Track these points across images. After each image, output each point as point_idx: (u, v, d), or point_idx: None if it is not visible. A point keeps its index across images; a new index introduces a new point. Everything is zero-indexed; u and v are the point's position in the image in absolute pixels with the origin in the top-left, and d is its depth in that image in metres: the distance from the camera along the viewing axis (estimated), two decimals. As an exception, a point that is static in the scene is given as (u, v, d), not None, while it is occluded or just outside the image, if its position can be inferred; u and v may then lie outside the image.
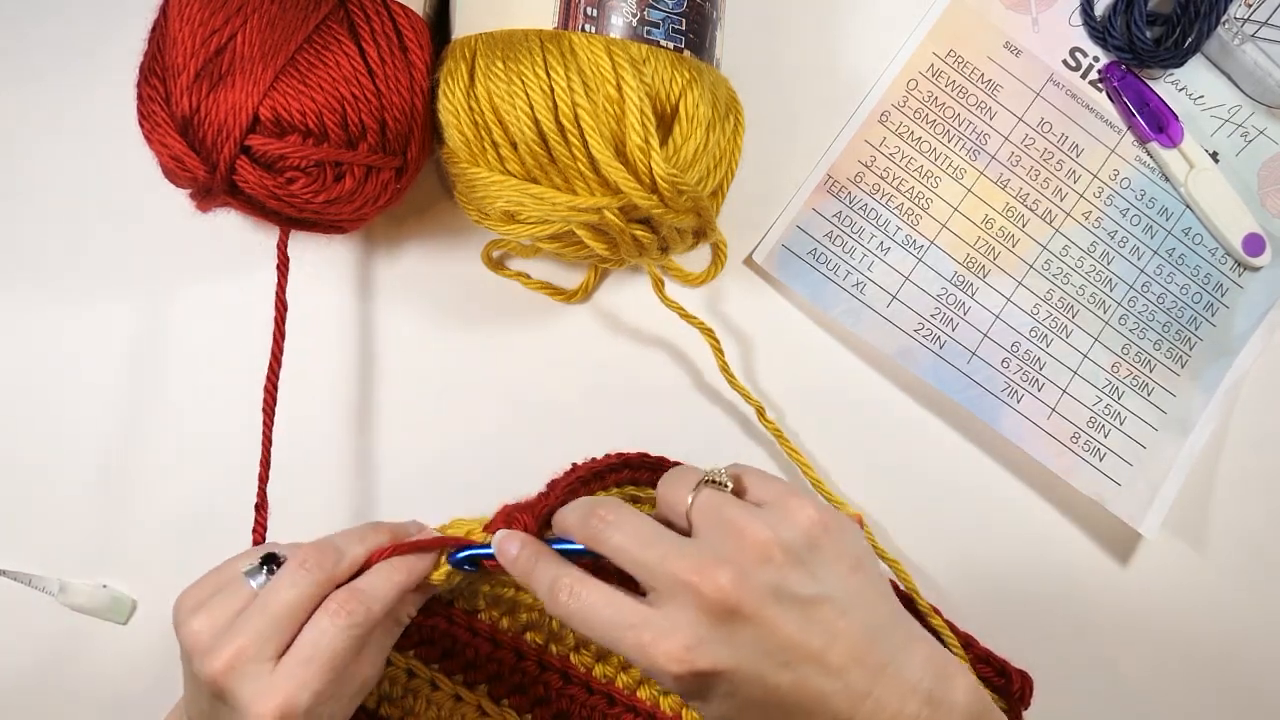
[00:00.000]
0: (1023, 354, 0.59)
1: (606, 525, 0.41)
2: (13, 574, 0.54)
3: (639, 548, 0.40)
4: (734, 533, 0.39)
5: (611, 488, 0.54)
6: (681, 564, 0.39)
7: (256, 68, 0.47)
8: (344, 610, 0.42)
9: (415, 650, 0.51)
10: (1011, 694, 0.54)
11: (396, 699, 0.51)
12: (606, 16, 0.49)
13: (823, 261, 0.59)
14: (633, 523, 0.41)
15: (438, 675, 0.51)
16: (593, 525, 0.42)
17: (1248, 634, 0.60)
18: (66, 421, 0.56)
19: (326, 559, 0.43)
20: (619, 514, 0.41)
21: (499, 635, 0.51)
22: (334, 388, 0.57)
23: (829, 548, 0.40)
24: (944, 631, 0.54)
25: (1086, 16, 0.61)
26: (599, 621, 0.40)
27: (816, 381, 0.59)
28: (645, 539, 0.40)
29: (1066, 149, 0.60)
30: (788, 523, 0.40)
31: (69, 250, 0.57)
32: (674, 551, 0.39)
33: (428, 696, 0.51)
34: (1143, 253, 0.61)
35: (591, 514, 0.42)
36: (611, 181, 0.48)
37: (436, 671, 0.51)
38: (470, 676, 0.52)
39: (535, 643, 0.52)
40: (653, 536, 0.40)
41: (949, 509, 0.59)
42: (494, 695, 0.51)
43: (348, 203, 0.50)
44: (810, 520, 0.40)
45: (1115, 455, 0.59)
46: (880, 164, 0.59)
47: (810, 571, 0.39)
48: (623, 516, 0.41)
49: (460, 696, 0.51)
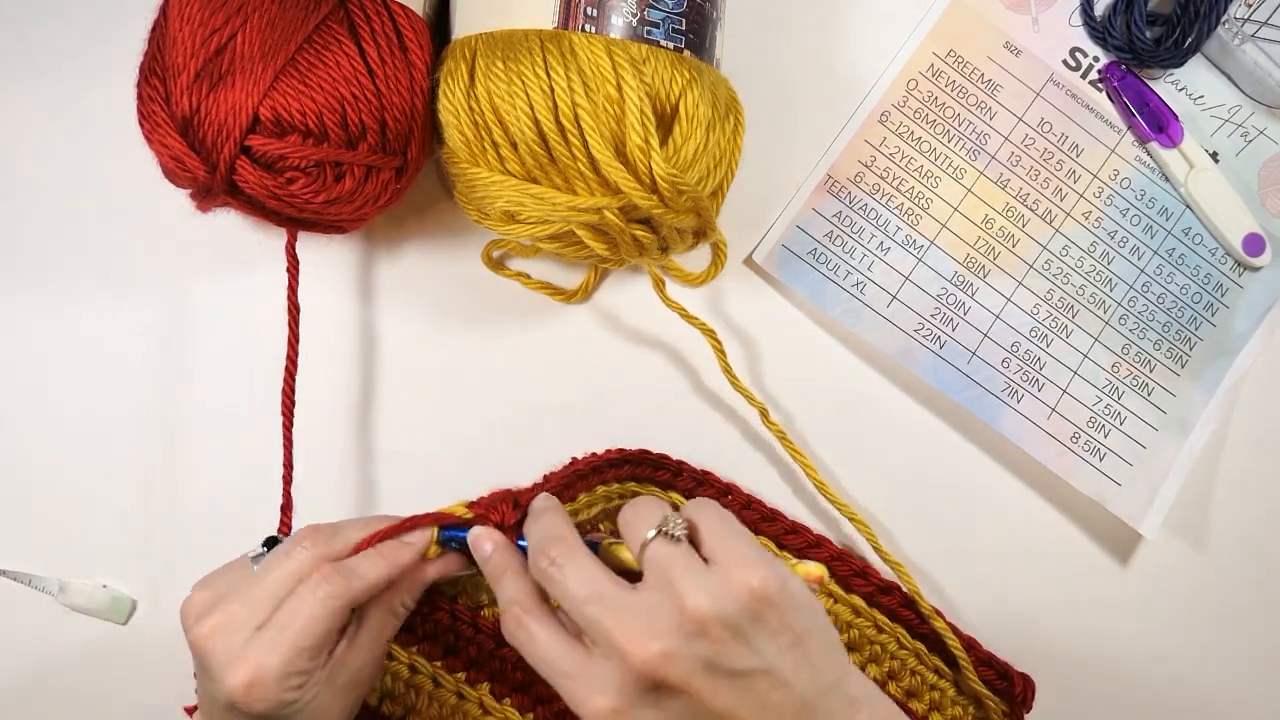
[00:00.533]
0: (1023, 354, 0.59)
1: (554, 568, 0.42)
2: (13, 574, 0.54)
3: (581, 600, 0.41)
4: (674, 598, 0.39)
5: (613, 483, 0.54)
6: (617, 627, 0.39)
7: (256, 68, 0.47)
8: (324, 582, 0.42)
9: (418, 647, 0.52)
10: (1014, 697, 0.55)
11: (399, 695, 0.51)
12: (606, 16, 0.49)
13: (823, 261, 0.59)
14: (578, 571, 0.41)
15: (440, 672, 0.51)
16: (541, 565, 0.43)
17: (1248, 634, 0.60)
18: (66, 421, 0.56)
19: (321, 537, 0.45)
20: (567, 558, 0.42)
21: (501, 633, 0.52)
22: (334, 387, 0.57)
23: (772, 620, 0.39)
24: (946, 635, 0.54)
25: (1086, 16, 0.61)
26: (537, 659, 0.42)
27: (816, 382, 0.59)
28: (587, 592, 0.41)
29: (1066, 149, 0.60)
30: (731, 593, 0.39)
31: (68, 251, 0.57)
32: (611, 612, 0.40)
33: (430, 693, 0.51)
34: (1143, 253, 0.61)
35: (542, 552, 0.43)
36: (611, 181, 0.48)
37: (439, 668, 0.51)
38: (472, 674, 0.52)
39: None
40: (594, 591, 0.41)
41: (949, 509, 0.59)
42: (496, 693, 0.52)
43: (348, 203, 0.50)
44: (754, 591, 0.39)
45: (1115, 455, 0.59)
46: (880, 164, 0.59)
47: (748, 644, 0.39)
48: (571, 561, 0.42)
49: (462, 694, 0.51)
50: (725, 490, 0.55)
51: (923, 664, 0.55)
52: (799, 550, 0.55)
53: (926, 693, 0.54)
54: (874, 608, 0.55)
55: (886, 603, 0.55)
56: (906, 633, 0.55)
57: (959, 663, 0.54)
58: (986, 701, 0.54)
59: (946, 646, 0.54)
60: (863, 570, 0.55)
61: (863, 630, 0.54)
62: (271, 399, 0.51)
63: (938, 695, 0.55)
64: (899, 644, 0.54)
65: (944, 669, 0.55)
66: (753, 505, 0.55)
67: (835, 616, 0.54)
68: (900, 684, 0.54)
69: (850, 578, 0.55)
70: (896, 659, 0.54)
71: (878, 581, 0.55)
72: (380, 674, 0.48)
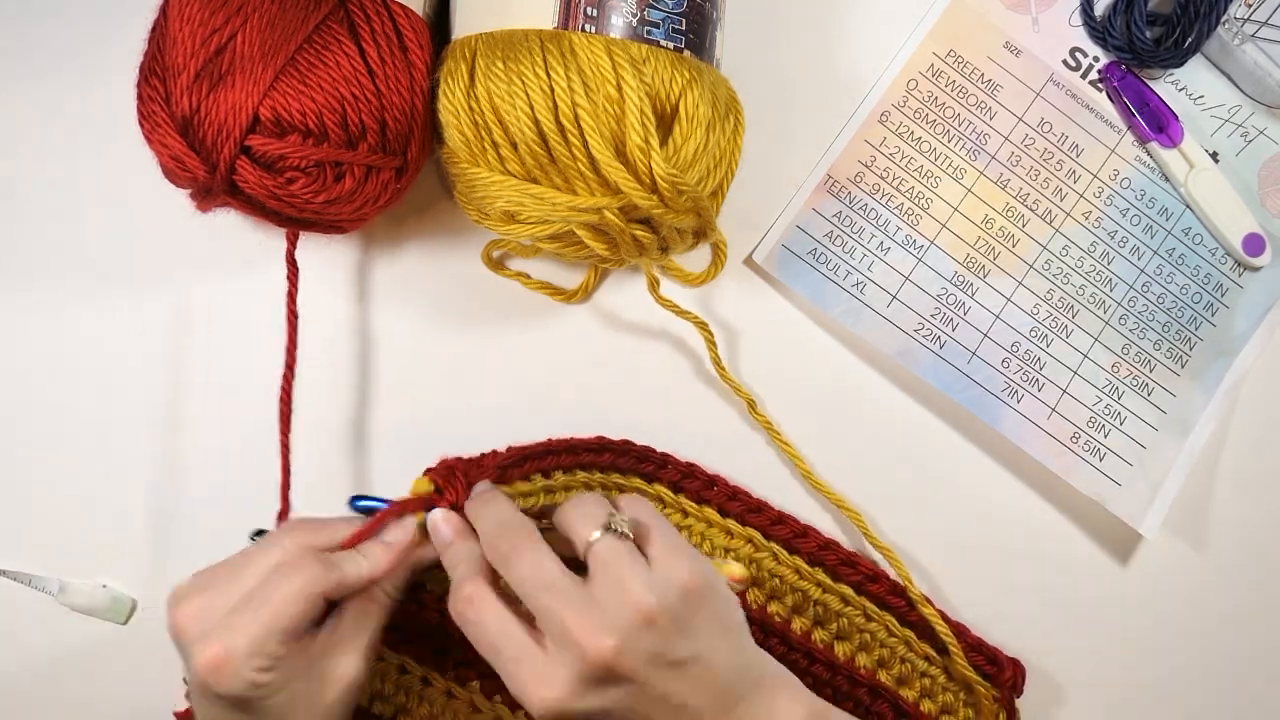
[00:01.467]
0: (1023, 354, 0.59)
1: (510, 554, 0.43)
2: (13, 574, 0.54)
3: (535, 588, 0.42)
4: (622, 592, 0.41)
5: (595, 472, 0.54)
6: (571, 619, 0.41)
7: (256, 68, 0.47)
8: (301, 570, 0.43)
9: (407, 646, 0.51)
10: (1003, 682, 0.55)
11: (389, 696, 0.51)
12: (606, 16, 0.49)
13: (823, 261, 0.59)
14: (531, 560, 0.43)
15: (430, 671, 0.51)
16: (500, 549, 0.44)
17: (1248, 634, 0.60)
18: (66, 421, 0.56)
19: (307, 528, 0.45)
20: (522, 546, 0.43)
21: None
22: (333, 387, 0.57)
23: (704, 610, 0.43)
24: (935, 621, 0.54)
25: (1086, 16, 0.61)
26: (485, 642, 0.43)
27: (817, 381, 0.59)
28: (541, 581, 0.42)
29: (1066, 149, 0.60)
30: (672, 586, 0.42)
31: (68, 250, 0.57)
32: (564, 603, 0.41)
33: (420, 693, 0.51)
34: (1143, 253, 0.61)
35: (499, 537, 0.44)
36: (611, 181, 0.48)
37: (429, 668, 0.52)
38: (462, 673, 0.52)
39: None
40: (547, 580, 0.42)
41: (949, 509, 0.59)
42: (486, 691, 0.52)
43: (348, 203, 0.50)
44: (689, 583, 0.42)
45: (1115, 455, 0.59)
46: (880, 164, 0.59)
47: (685, 633, 0.42)
48: (525, 549, 0.43)
49: (452, 693, 0.51)
50: (710, 482, 0.56)
51: (912, 651, 0.55)
52: (786, 539, 0.55)
53: (917, 679, 0.55)
54: (863, 596, 0.55)
55: (875, 590, 0.55)
56: (895, 620, 0.55)
57: (948, 649, 0.54)
58: (977, 687, 0.54)
59: (936, 634, 0.54)
60: (851, 559, 0.55)
61: (851, 618, 0.54)
62: (272, 399, 0.51)
63: (928, 682, 0.55)
64: (888, 631, 0.55)
65: (934, 655, 0.55)
66: (738, 496, 0.55)
67: (824, 605, 0.54)
68: (890, 671, 0.55)
69: (838, 566, 0.55)
70: (886, 646, 0.55)
71: (866, 570, 0.55)
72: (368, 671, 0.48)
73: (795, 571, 0.54)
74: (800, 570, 0.55)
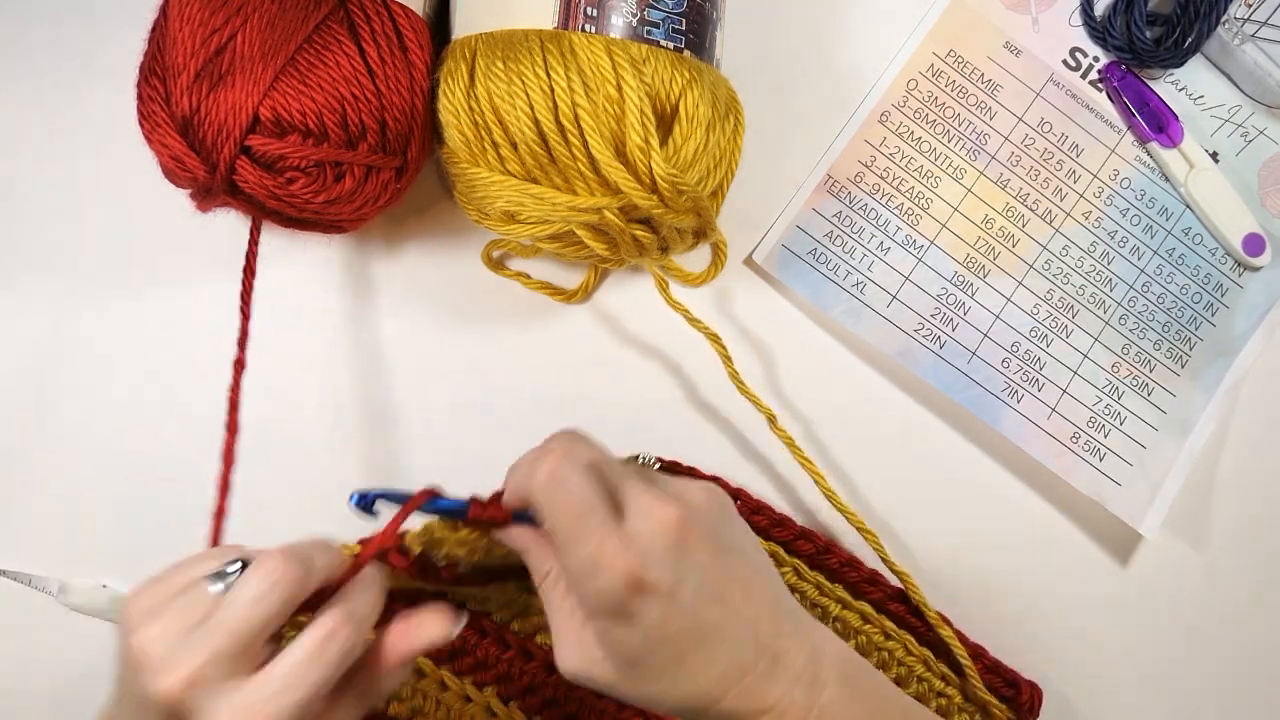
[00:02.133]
0: (1023, 354, 0.59)
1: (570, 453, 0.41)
2: (13, 574, 0.54)
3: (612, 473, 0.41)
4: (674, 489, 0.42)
5: None
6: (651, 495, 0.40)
7: (256, 68, 0.47)
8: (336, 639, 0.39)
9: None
10: (1020, 705, 0.54)
11: (405, 698, 0.51)
12: (606, 16, 0.49)
13: (823, 261, 0.59)
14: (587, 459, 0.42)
15: (447, 675, 0.51)
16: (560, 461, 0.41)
17: (1248, 634, 0.60)
18: (66, 421, 0.56)
19: (295, 570, 0.39)
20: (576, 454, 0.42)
21: (509, 637, 0.51)
22: (333, 388, 0.57)
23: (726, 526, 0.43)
24: (952, 642, 0.54)
25: (1086, 16, 0.61)
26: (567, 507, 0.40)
27: (817, 382, 0.59)
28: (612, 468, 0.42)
29: (1066, 149, 0.60)
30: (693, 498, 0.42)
31: (68, 251, 0.57)
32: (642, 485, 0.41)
33: (436, 697, 0.51)
34: (1143, 253, 0.61)
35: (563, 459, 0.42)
36: (611, 181, 0.48)
37: (446, 671, 0.51)
38: (480, 677, 0.52)
39: (545, 645, 0.52)
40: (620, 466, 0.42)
41: (949, 509, 0.59)
42: (503, 696, 0.51)
43: (348, 203, 0.50)
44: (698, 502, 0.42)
45: (1115, 455, 0.59)
46: (880, 164, 0.59)
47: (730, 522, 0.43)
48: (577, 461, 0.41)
49: (469, 697, 0.51)
50: (734, 495, 0.55)
51: (930, 670, 0.55)
52: (809, 556, 0.55)
53: (933, 699, 0.54)
54: (882, 614, 0.55)
55: (894, 609, 0.55)
56: (914, 639, 0.54)
57: (965, 670, 0.54)
58: (993, 709, 0.54)
59: (953, 654, 0.54)
60: (872, 577, 0.55)
61: (870, 636, 0.54)
62: (272, 399, 0.51)
63: (944, 702, 0.54)
64: (906, 650, 0.54)
65: (951, 676, 0.55)
66: (762, 510, 0.55)
67: (844, 621, 0.54)
68: (907, 690, 0.54)
69: (859, 584, 0.55)
70: (904, 665, 0.54)
71: (886, 588, 0.55)
72: None
73: (817, 588, 0.54)
74: (822, 586, 0.54)
